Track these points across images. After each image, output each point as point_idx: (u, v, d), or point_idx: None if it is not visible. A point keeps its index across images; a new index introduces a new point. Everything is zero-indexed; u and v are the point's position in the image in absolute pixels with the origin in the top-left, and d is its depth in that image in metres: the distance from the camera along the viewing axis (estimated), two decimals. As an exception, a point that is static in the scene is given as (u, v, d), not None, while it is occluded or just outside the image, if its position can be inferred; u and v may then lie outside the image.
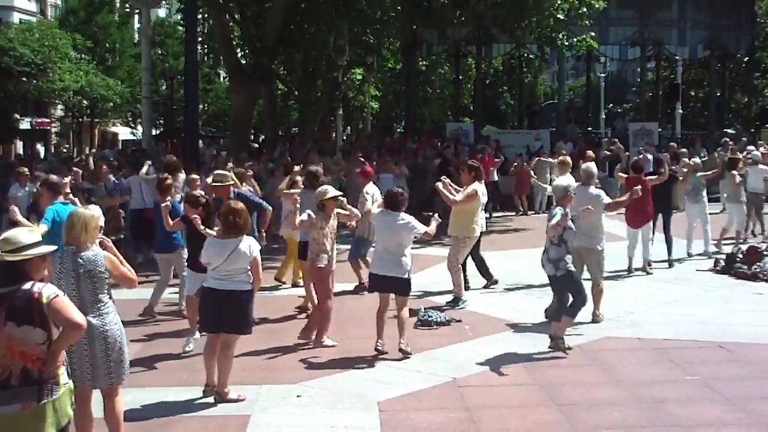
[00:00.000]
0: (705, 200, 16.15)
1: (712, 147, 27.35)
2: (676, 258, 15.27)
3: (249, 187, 13.61)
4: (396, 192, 9.93)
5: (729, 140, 26.96)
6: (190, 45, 23.69)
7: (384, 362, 9.30)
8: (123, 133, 57.97)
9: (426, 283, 13.38)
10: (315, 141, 28.96)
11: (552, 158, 22.43)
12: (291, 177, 13.42)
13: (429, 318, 11.03)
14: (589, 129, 38.29)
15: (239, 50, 31.40)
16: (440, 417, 7.57)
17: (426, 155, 24.98)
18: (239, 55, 30.26)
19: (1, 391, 4.97)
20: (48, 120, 52.74)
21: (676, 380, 8.62)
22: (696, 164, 16.66)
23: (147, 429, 7.27)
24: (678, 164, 18.36)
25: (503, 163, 24.80)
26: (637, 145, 27.91)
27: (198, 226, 9.62)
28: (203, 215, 9.83)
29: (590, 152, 20.38)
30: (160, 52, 52.52)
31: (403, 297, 9.60)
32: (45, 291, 5.05)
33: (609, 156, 24.84)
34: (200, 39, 34.09)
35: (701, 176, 16.23)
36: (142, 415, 7.55)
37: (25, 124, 49.82)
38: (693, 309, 11.83)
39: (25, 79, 43.15)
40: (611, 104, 57.78)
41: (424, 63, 43.60)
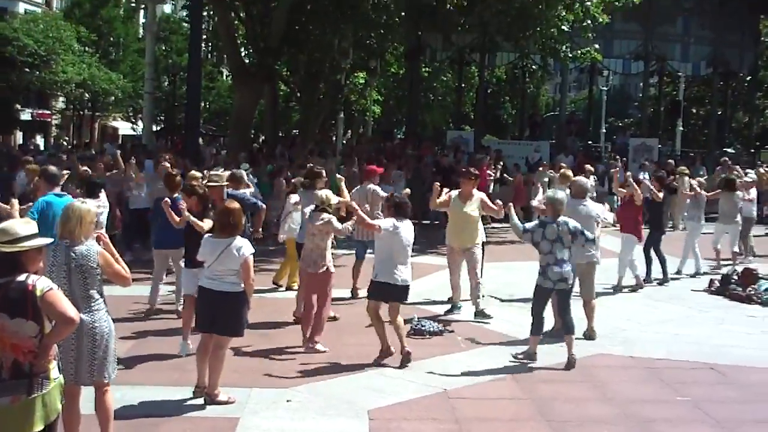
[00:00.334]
0: (702, 220, 16.21)
1: (712, 166, 27.37)
2: (675, 276, 15.33)
3: (247, 190, 13.54)
4: (405, 200, 9.97)
5: (728, 159, 26.98)
6: (195, 42, 23.68)
7: (376, 370, 9.28)
8: (123, 128, 57.91)
9: (420, 292, 13.32)
10: (315, 143, 28.96)
11: (552, 171, 22.37)
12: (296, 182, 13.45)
13: (422, 327, 11.00)
14: (590, 142, 38.33)
15: (243, 49, 31.41)
16: (430, 428, 7.55)
17: (425, 162, 24.99)
18: (243, 54, 30.26)
19: (-8, 384, 4.96)
20: (49, 112, 52.66)
21: (667, 400, 8.60)
22: (701, 183, 16.77)
23: (135, 428, 7.24)
24: (675, 178, 18.33)
25: (502, 173, 24.76)
26: (637, 161, 27.95)
27: (183, 213, 9.72)
28: (198, 207, 9.83)
29: (589, 166, 20.39)
30: (164, 48, 52.49)
31: (400, 303, 9.63)
32: (39, 284, 5.05)
33: (607, 172, 24.79)
34: (205, 36, 34.12)
35: (704, 195, 16.35)
36: (131, 414, 7.51)
37: (26, 115, 49.77)
38: (686, 329, 11.82)
39: (28, 70, 43.10)
40: (612, 118, 57.88)
41: (427, 69, 43.64)
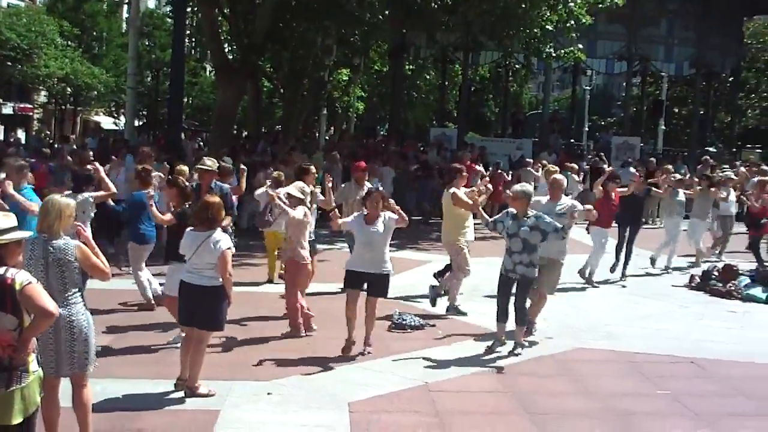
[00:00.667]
0: (681, 217, 16.33)
1: (693, 165, 27.56)
2: (651, 273, 15.45)
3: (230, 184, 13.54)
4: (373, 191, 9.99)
5: (710, 158, 27.20)
6: (178, 37, 23.64)
7: (357, 363, 9.29)
8: (106, 123, 57.57)
9: (402, 286, 13.34)
10: (298, 139, 28.92)
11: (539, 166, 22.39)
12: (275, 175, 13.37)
13: (403, 321, 11.03)
14: (572, 141, 38.48)
15: (227, 45, 31.30)
16: (410, 420, 7.56)
17: (409, 159, 25.04)
18: (227, 51, 30.16)
19: (-29, 377, 4.93)
20: (31, 106, 52.34)
21: (647, 394, 8.66)
22: (684, 181, 16.88)
23: (115, 421, 7.20)
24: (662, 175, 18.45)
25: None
26: (620, 159, 28.14)
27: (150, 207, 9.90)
28: (177, 199, 9.84)
29: (573, 165, 20.49)
30: (148, 43, 52.26)
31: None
32: (18, 277, 5.01)
33: (592, 168, 24.85)
34: (188, 32, 33.99)
35: (683, 193, 16.44)
36: (112, 407, 7.47)
37: (8, 109, 49.46)
38: (667, 324, 11.92)
39: (10, 64, 42.89)
40: (595, 117, 58.08)
41: (411, 67, 43.64)
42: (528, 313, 10.31)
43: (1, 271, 5.01)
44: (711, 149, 35.51)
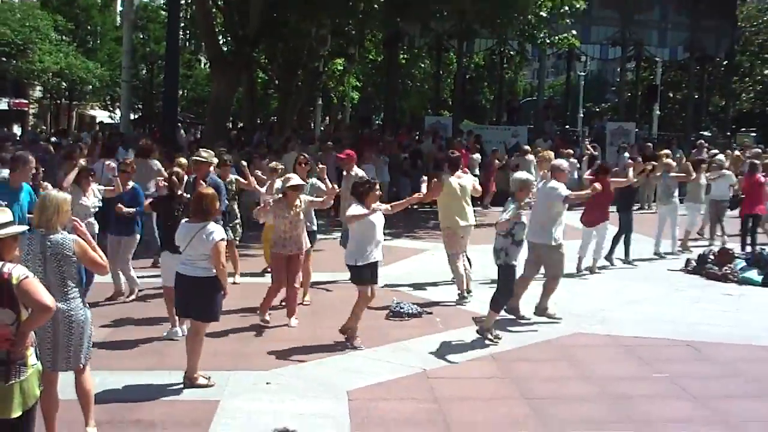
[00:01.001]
0: (676, 201, 16.32)
1: (688, 149, 27.56)
2: (644, 258, 15.49)
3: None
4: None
5: (705, 142, 27.23)
6: (172, 30, 23.56)
7: (355, 352, 9.33)
8: (101, 117, 57.53)
9: (398, 275, 13.39)
10: (293, 130, 28.88)
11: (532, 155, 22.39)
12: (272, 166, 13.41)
13: (400, 309, 11.08)
14: (567, 127, 38.47)
15: (221, 37, 31.26)
16: (409, 407, 7.60)
17: (405, 147, 25.04)
18: (221, 43, 30.10)
19: (-31, 371, 4.94)
20: (26, 101, 52.22)
21: (645, 377, 8.70)
22: (669, 164, 16.79)
23: (114, 412, 7.23)
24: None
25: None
26: (615, 144, 28.15)
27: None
28: (164, 190, 10.00)
29: (569, 150, 20.50)
30: (142, 37, 52.17)
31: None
32: (15, 272, 5.02)
33: (588, 154, 24.85)
34: (182, 25, 33.90)
35: (674, 177, 16.42)
36: (110, 398, 7.50)
37: (3, 104, 49.33)
38: (663, 308, 11.95)
39: (5, 59, 42.71)
40: (590, 103, 58.06)
41: (405, 56, 43.56)
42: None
43: (-1, 266, 5.03)
44: (706, 133, 35.51)
